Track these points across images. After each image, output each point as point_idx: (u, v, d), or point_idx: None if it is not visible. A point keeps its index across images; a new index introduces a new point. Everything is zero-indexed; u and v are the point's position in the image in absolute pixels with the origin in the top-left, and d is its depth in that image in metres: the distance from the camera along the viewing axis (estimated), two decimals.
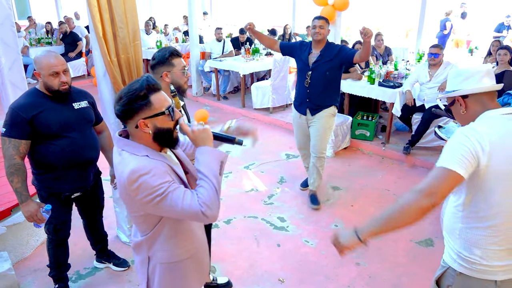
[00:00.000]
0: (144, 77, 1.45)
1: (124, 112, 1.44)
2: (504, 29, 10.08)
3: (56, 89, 2.30)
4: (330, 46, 3.59)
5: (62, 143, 2.36)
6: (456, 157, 1.43)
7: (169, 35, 10.09)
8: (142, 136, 1.47)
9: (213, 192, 1.41)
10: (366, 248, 1.65)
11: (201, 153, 1.48)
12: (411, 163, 4.96)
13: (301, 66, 3.67)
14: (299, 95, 3.77)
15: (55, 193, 2.49)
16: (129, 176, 1.38)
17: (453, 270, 1.62)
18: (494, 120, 1.51)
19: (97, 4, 2.60)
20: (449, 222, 1.65)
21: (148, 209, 1.44)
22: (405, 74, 5.53)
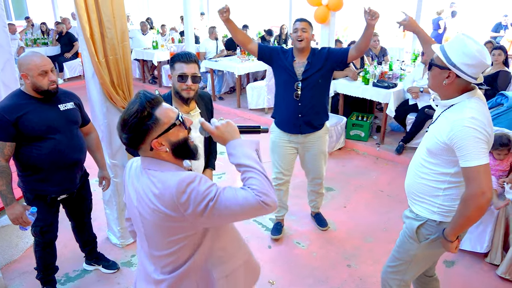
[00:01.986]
0: (140, 94, 1.32)
1: (132, 139, 1.31)
2: (502, 29, 10.07)
3: (45, 89, 2.28)
4: (317, 52, 3.08)
5: (47, 145, 2.34)
6: (481, 151, 1.63)
7: (166, 36, 10.07)
8: (160, 156, 1.35)
9: (264, 179, 1.30)
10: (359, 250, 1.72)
11: (234, 147, 1.37)
12: (405, 163, 4.94)
13: (286, 77, 3.07)
14: (287, 111, 3.13)
15: (41, 195, 2.46)
16: (177, 188, 1.25)
17: (432, 221, 1.89)
18: (479, 103, 1.73)
19: (84, 5, 2.59)
20: (427, 185, 1.88)
21: (201, 221, 1.30)
22: (400, 75, 5.52)
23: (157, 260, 1.43)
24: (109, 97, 2.88)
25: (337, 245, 3.37)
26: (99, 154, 2.77)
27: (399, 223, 3.67)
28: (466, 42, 1.69)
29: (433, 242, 1.92)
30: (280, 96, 3.19)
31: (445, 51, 1.73)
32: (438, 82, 1.78)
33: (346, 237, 3.50)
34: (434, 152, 1.81)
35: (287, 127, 3.19)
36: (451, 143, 1.70)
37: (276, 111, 3.27)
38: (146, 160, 1.37)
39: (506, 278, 2.93)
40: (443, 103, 1.82)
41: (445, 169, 1.81)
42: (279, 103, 3.22)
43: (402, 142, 5.05)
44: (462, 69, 1.69)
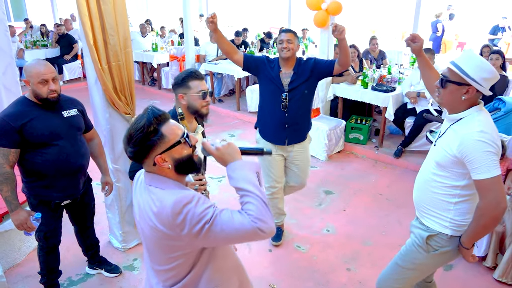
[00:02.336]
0: (148, 110, 1.35)
1: (137, 153, 1.34)
2: (499, 31, 10.14)
3: (44, 97, 2.31)
4: (302, 62, 3.07)
5: (51, 152, 2.37)
6: (492, 163, 1.68)
7: (165, 38, 10.10)
8: (163, 171, 1.37)
9: (262, 205, 1.30)
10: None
11: (234, 169, 1.38)
12: (404, 166, 4.99)
13: (273, 88, 3.05)
14: (273, 121, 3.12)
15: (44, 201, 2.49)
16: (173, 208, 1.26)
17: (444, 235, 1.93)
18: (486, 115, 1.81)
19: (88, 12, 2.62)
20: (438, 199, 1.91)
21: (197, 242, 1.31)
22: (398, 78, 5.56)
23: (159, 274, 1.47)
24: (111, 103, 2.91)
25: (337, 249, 3.41)
26: (101, 159, 2.80)
27: (397, 227, 3.73)
28: (482, 59, 1.76)
29: (442, 254, 1.96)
30: (266, 106, 3.17)
31: (461, 67, 1.76)
32: (455, 98, 1.80)
33: (346, 240, 3.53)
34: (443, 165, 1.84)
35: (273, 137, 3.19)
36: (462, 156, 1.74)
37: (261, 122, 3.25)
38: (149, 176, 1.40)
39: (503, 282, 2.97)
40: (452, 117, 1.86)
41: (455, 182, 1.84)
42: (264, 113, 3.21)
43: (400, 146, 5.09)
44: (481, 83, 1.74)
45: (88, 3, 2.60)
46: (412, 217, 3.85)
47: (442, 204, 1.90)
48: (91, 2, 2.61)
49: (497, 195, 1.68)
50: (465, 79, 1.75)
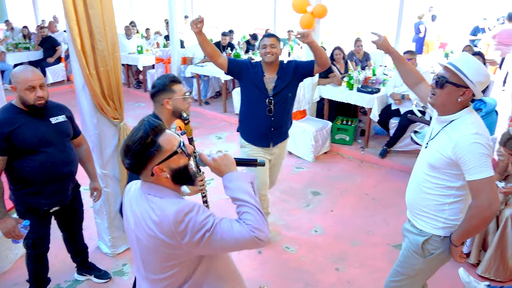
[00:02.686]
0: (145, 121, 1.37)
1: (135, 164, 1.35)
2: (479, 32, 10.37)
3: (31, 104, 2.30)
4: (284, 66, 3.13)
5: (40, 158, 2.35)
6: (486, 164, 1.72)
7: (150, 40, 10.05)
8: (160, 181, 1.39)
9: (258, 214, 1.35)
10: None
11: (230, 180, 1.42)
12: (389, 166, 5.08)
13: (257, 93, 3.09)
14: (258, 126, 3.17)
15: (33, 208, 2.47)
16: (175, 217, 1.29)
17: (436, 236, 1.96)
18: (477, 116, 1.85)
19: (75, 17, 2.61)
20: (433, 200, 1.94)
21: (197, 250, 1.34)
22: (382, 80, 5.66)
23: (153, 283, 1.47)
24: (100, 108, 2.90)
25: (325, 249, 3.46)
26: (90, 165, 2.79)
27: (384, 226, 3.80)
28: (479, 63, 1.79)
29: (438, 256, 1.99)
30: (251, 111, 3.19)
31: (460, 69, 1.77)
32: (452, 99, 1.82)
33: (334, 241, 3.59)
34: (437, 167, 1.87)
35: (260, 141, 3.22)
36: (457, 158, 1.76)
37: (245, 126, 3.28)
38: (146, 185, 1.41)
39: (486, 277, 3.06)
40: (443, 119, 1.88)
41: (451, 183, 1.87)
42: (249, 118, 3.23)
43: (385, 147, 5.19)
44: (478, 86, 1.77)
45: (76, 8, 2.59)
46: (397, 216, 3.96)
47: (437, 205, 1.93)
48: (78, 7, 2.60)
49: (489, 196, 1.71)
50: (464, 81, 1.77)
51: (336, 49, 6.16)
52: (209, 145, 5.81)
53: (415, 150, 5.13)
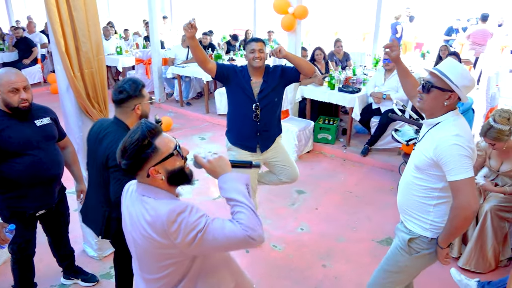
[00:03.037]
0: (141, 123, 1.40)
1: (132, 165, 1.38)
2: (453, 33, 10.69)
3: (15, 106, 2.26)
4: (270, 70, 3.14)
5: (25, 161, 2.32)
6: (466, 165, 1.75)
7: (129, 40, 9.94)
8: (156, 183, 1.42)
9: (251, 214, 1.38)
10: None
11: (225, 181, 1.45)
12: (370, 164, 5.19)
13: (244, 98, 3.08)
14: (244, 130, 3.18)
15: (18, 212, 2.44)
16: (168, 217, 1.31)
17: (424, 237, 1.99)
18: (462, 119, 1.88)
19: (59, 19, 2.58)
20: (418, 201, 1.98)
21: (190, 250, 1.36)
22: (363, 79, 5.77)
23: (149, 283, 1.49)
24: (84, 111, 2.88)
25: (312, 247, 3.52)
26: (75, 167, 2.77)
27: (367, 223, 3.89)
28: (463, 67, 1.84)
29: (424, 256, 2.03)
30: (237, 116, 3.20)
31: (445, 74, 1.82)
32: (438, 103, 1.86)
33: (320, 238, 3.65)
34: (422, 169, 1.91)
35: (246, 145, 3.23)
36: (438, 159, 1.81)
37: (231, 131, 3.29)
38: (141, 186, 1.43)
39: (466, 269, 3.18)
40: (430, 121, 1.93)
41: (433, 184, 1.91)
42: (235, 122, 3.23)
43: (367, 145, 5.30)
44: (463, 90, 1.81)
45: (59, 10, 2.56)
46: (380, 213, 4.06)
47: (423, 207, 1.97)
48: (62, 9, 2.57)
49: (468, 196, 1.74)
50: (450, 86, 1.81)
51: (316, 50, 6.25)
52: (192, 146, 5.79)
53: (395, 148, 5.27)
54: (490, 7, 10.80)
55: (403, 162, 4.70)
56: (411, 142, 4.27)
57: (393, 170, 4.99)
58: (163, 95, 7.93)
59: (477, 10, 11.98)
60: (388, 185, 4.65)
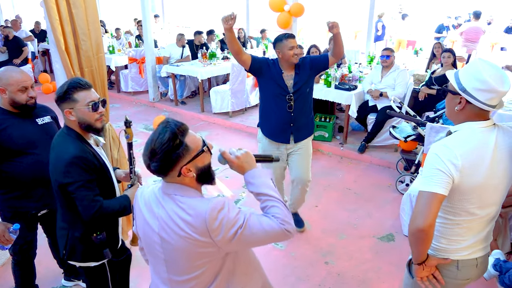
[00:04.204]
0: (169, 122, 1.36)
1: (163, 167, 1.34)
2: (444, 30, 10.77)
3: (24, 104, 2.26)
4: (301, 63, 3.20)
5: (28, 161, 2.30)
6: (434, 179, 1.54)
7: (121, 39, 9.84)
8: (184, 181, 1.39)
9: (284, 208, 1.41)
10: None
11: (254, 176, 1.46)
12: (368, 161, 5.21)
13: (277, 90, 3.16)
14: (279, 121, 3.25)
15: (20, 212, 2.40)
16: (210, 214, 1.30)
17: None
18: (470, 132, 1.61)
19: (58, 17, 2.55)
20: None
21: (229, 246, 1.36)
22: (359, 77, 5.78)
23: (179, 285, 1.46)
24: None
25: (314, 244, 3.52)
26: None
27: (367, 220, 3.90)
28: (479, 67, 1.57)
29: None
30: (271, 107, 3.27)
31: (458, 76, 1.62)
32: (450, 108, 1.69)
33: (321, 235, 3.66)
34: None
35: (279, 137, 3.31)
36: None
37: (264, 122, 3.37)
38: (172, 186, 1.39)
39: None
40: (452, 129, 1.71)
41: None
42: (269, 114, 3.30)
43: (364, 142, 5.31)
44: (474, 94, 1.56)
45: (59, 7, 2.54)
46: (379, 209, 4.09)
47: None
48: (61, 6, 2.54)
49: (419, 210, 1.54)
50: (456, 89, 1.61)
51: (312, 47, 6.23)
52: None
53: (392, 145, 5.30)
54: (479, 5, 10.91)
55: (400, 159, 4.73)
56: (409, 138, 4.30)
57: (390, 167, 5.01)
58: (157, 94, 7.87)
59: (466, 8, 12.13)
60: (386, 181, 4.67)
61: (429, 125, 3.76)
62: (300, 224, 3.72)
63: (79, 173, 1.84)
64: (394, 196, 4.35)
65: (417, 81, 6.04)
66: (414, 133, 4.30)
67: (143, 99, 7.95)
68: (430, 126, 3.73)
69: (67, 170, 1.84)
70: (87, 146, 1.97)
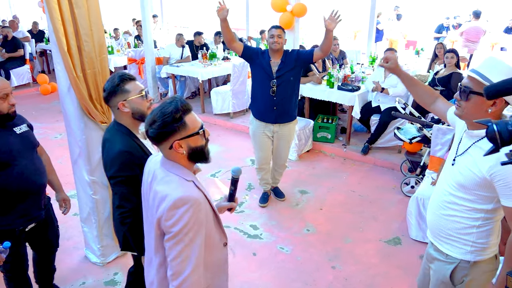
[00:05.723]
0: (176, 98, 1.48)
1: (159, 134, 1.46)
2: (444, 30, 10.74)
3: (6, 113, 2.13)
4: (288, 53, 3.65)
5: (11, 173, 2.15)
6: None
7: (119, 40, 9.77)
8: (176, 156, 1.51)
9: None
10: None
11: None
12: (371, 163, 5.16)
13: (263, 75, 3.63)
14: (263, 104, 3.71)
15: (7, 230, 2.24)
16: (175, 202, 1.40)
17: (465, 262, 1.79)
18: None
19: (60, 17, 2.47)
20: (459, 222, 1.76)
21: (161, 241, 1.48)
22: (361, 77, 5.73)
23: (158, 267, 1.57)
24: (87, 112, 2.76)
25: (319, 248, 3.47)
26: (53, 176, 2.60)
27: (373, 223, 3.85)
28: (506, 64, 1.56)
29: (469, 284, 1.82)
30: (258, 91, 3.75)
31: (485, 76, 1.56)
32: (480, 111, 1.61)
33: (327, 239, 3.60)
34: (468, 187, 1.68)
35: (263, 117, 3.76)
36: (493, 179, 1.58)
37: (253, 104, 3.85)
38: (169, 163, 1.53)
39: None
40: (475, 133, 1.67)
41: (481, 206, 1.69)
42: (256, 97, 3.79)
43: (367, 143, 5.26)
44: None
45: (61, 7, 2.45)
46: (385, 212, 4.03)
47: (463, 227, 1.75)
48: (63, 6, 2.46)
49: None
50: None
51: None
52: None
53: (395, 146, 5.25)
54: (477, 5, 10.89)
55: (405, 161, 4.69)
56: (414, 140, 4.25)
57: (394, 169, 4.97)
58: (157, 95, 7.80)
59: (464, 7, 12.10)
60: (391, 183, 4.63)
61: (436, 127, 3.72)
62: (280, 195, 4.27)
63: (121, 169, 1.91)
64: (399, 198, 4.30)
65: None
66: (419, 134, 4.25)
67: None
68: (437, 128, 3.69)
69: (111, 164, 1.93)
70: (135, 140, 2.01)
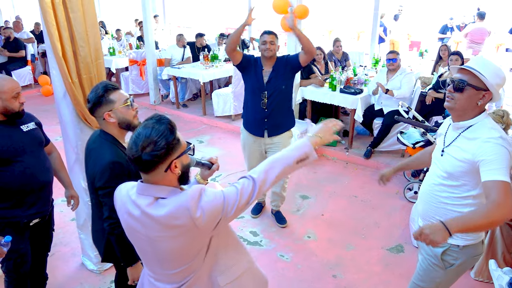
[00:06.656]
0: (162, 116, 1.36)
1: (157, 157, 1.30)
2: (448, 31, 10.64)
3: (16, 111, 2.20)
4: (279, 60, 3.37)
5: (16, 169, 2.20)
6: (508, 170, 1.64)
7: (121, 41, 9.73)
8: (167, 180, 1.37)
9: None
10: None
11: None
12: (374, 167, 5.09)
13: (255, 85, 3.35)
14: (254, 116, 3.43)
15: (12, 222, 2.28)
16: (191, 204, 1.31)
17: (455, 246, 1.90)
18: (495, 123, 1.80)
19: (55, 22, 2.42)
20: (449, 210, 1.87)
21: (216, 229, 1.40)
22: (364, 80, 5.66)
23: (174, 276, 1.48)
24: (83, 118, 2.72)
25: (320, 256, 3.40)
26: (63, 173, 2.63)
27: (375, 229, 3.78)
28: (495, 64, 1.77)
29: (458, 267, 1.94)
30: (249, 101, 3.48)
31: (480, 72, 1.73)
32: (471, 103, 1.78)
33: (328, 246, 3.53)
34: (455, 175, 1.82)
35: (253, 130, 3.49)
36: (478, 160, 1.69)
37: (244, 115, 3.59)
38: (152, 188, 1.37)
39: (479, 280, 3.08)
40: (460, 124, 1.83)
41: (468, 192, 1.82)
42: (247, 108, 3.52)
43: (370, 147, 5.19)
44: (496, 90, 1.74)
45: (55, 12, 2.41)
46: (388, 218, 3.95)
47: (453, 215, 1.83)
48: (58, 11, 2.42)
49: (509, 201, 1.59)
50: (484, 84, 1.73)
51: (317, 49, 6.11)
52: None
53: (398, 150, 5.17)
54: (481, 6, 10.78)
55: None
56: (418, 145, 4.17)
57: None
58: (158, 97, 7.75)
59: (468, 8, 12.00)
60: (394, 188, 4.55)
61: None
62: (281, 221, 3.86)
63: (111, 179, 1.87)
64: (402, 203, 4.23)
65: (424, 84, 5.92)
66: (423, 139, 4.18)
67: (144, 102, 7.81)
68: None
69: (101, 174, 1.89)
70: (123, 150, 1.98)
